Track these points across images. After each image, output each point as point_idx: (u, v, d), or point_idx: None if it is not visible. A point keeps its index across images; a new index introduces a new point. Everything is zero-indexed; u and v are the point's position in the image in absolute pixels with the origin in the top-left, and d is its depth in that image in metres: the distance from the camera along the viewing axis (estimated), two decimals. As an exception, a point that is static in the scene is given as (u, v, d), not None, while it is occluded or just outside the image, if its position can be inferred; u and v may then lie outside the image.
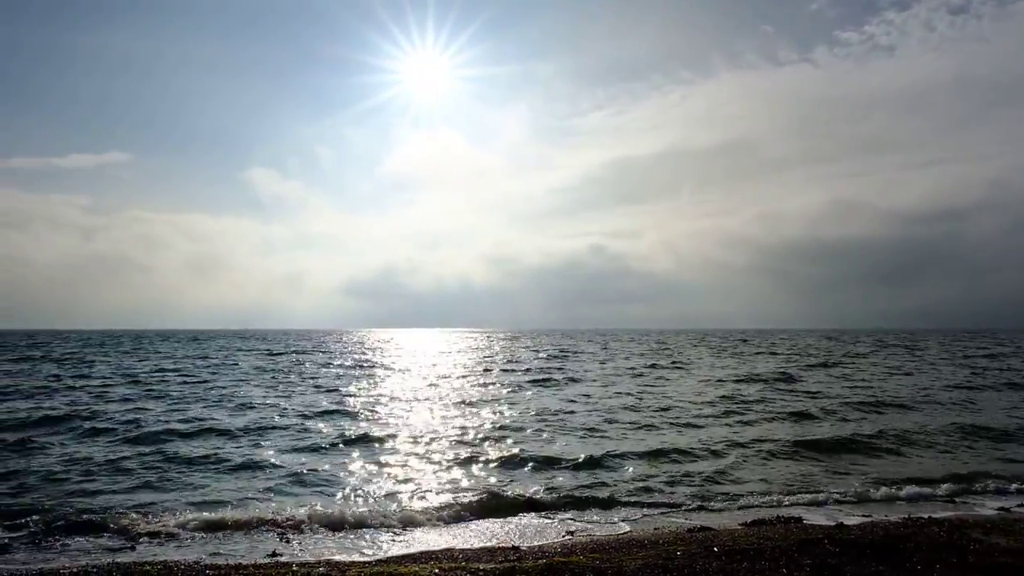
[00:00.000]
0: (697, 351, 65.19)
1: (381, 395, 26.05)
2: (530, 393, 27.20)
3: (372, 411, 21.29)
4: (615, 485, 12.51)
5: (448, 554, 8.61)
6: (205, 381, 31.34)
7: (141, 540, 9.29)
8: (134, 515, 10.32)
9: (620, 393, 26.67)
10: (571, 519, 10.61)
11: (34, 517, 10.00)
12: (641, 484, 12.58)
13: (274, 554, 8.64)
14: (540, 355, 56.17)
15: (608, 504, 11.39)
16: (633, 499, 11.66)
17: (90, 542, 9.19)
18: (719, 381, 31.82)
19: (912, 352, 60.76)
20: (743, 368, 40.35)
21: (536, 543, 9.28)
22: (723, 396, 25.28)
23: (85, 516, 10.15)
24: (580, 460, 14.20)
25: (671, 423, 19.25)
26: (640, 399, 24.48)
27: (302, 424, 18.79)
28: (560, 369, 40.43)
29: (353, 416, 20.27)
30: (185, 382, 30.92)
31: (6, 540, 9.15)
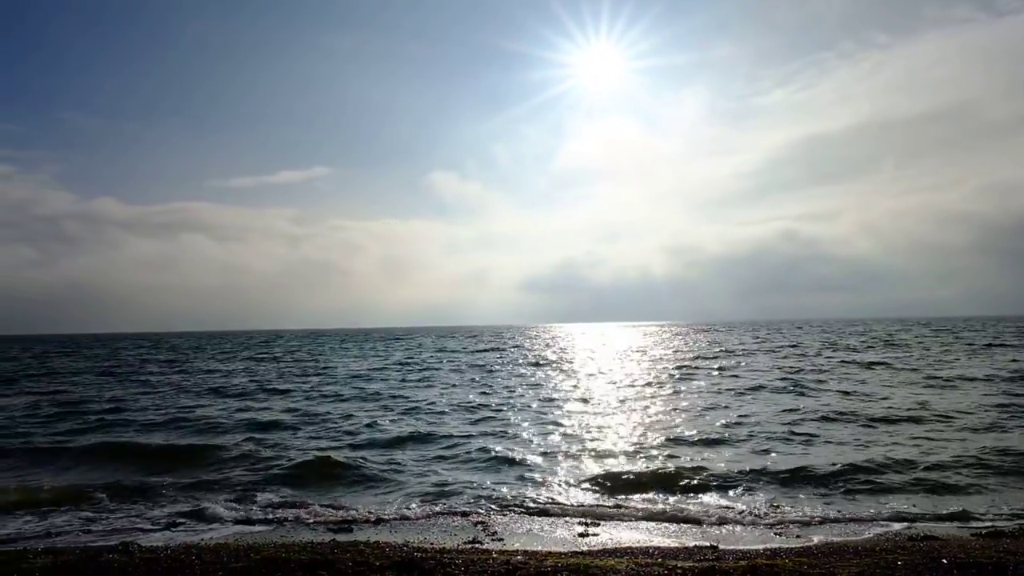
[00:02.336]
0: (943, 345, 53.57)
1: (588, 391, 26.27)
2: (754, 396, 26.04)
3: (579, 405, 21.54)
4: (828, 493, 11.56)
5: (644, 549, 8.49)
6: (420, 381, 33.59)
7: (357, 522, 10.20)
8: (352, 498, 11.41)
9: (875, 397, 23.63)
10: (776, 523, 10.01)
11: (267, 495, 11.38)
12: (851, 489, 11.58)
13: (474, 541, 9.04)
14: (747, 349, 53.52)
15: (814, 509, 10.58)
16: (843, 507, 10.74)
17: (312, 521, 10.30)
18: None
19: None
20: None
21: (737, 545, 8.88)
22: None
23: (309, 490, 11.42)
24: (791, 468, 13.31)
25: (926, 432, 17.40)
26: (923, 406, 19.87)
27: (504, 416, 19.48)
28: (793, 370, 37.77)
29: (556, 409, 20.66)
30: (402, 383, 33.31)
31: (242, 515, 10.49)
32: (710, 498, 11.15)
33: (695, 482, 12.07)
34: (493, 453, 14.75)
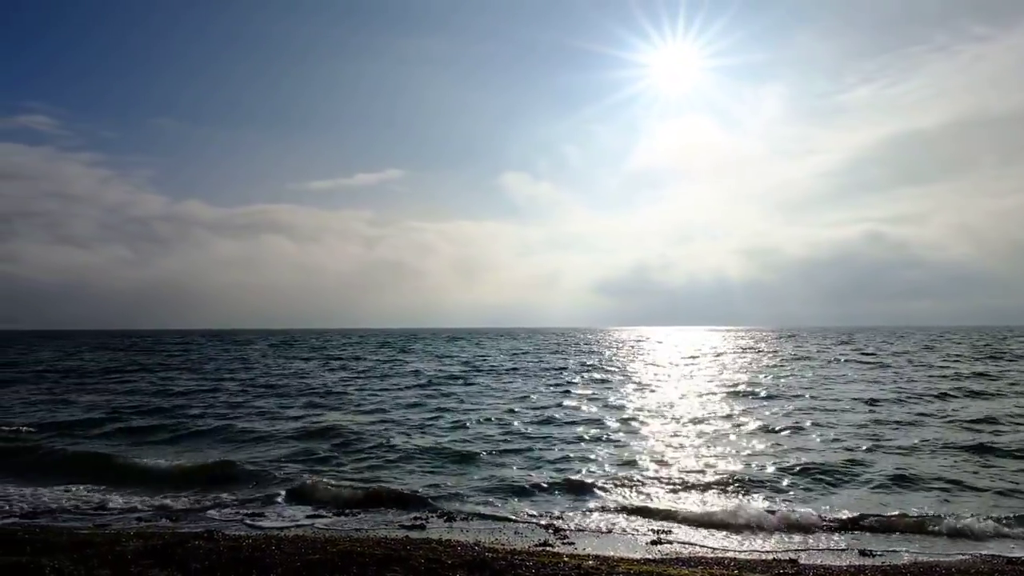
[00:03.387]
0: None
1: (665, 397, 25.90)
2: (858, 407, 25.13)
3: (654, 412, 21.25)
4: (922, 510, 10.91)
5: (719, 560, 8.28)
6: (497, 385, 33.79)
7: (431, 520, 10.32)
8: (428, 494, 11.58)
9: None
10: (865, 541, 9.50)
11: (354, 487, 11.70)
12: (948, 499, 10.96)
13: (544, 543, 9.00)
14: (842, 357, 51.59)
15: (910, 529, 9.94)
16: (936, 525, 10.14)
17: (388, 516, 10.50)
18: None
19: None
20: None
21: (819, 560, 8.54)
22: None
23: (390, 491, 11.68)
24: (885, 478, 12.71)
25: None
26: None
27: (576, 421, 19.38)
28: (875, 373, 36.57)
29: (630, 415, 20.43)
30: (466, 384, 33.58)
31: (315, 511, 10.77)
32: (789, 509, 10.75)
33: (773, 493, 11.68)
34: (564, 456, 14.69)
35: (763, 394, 25.49)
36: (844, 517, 10.26)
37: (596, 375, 35.83)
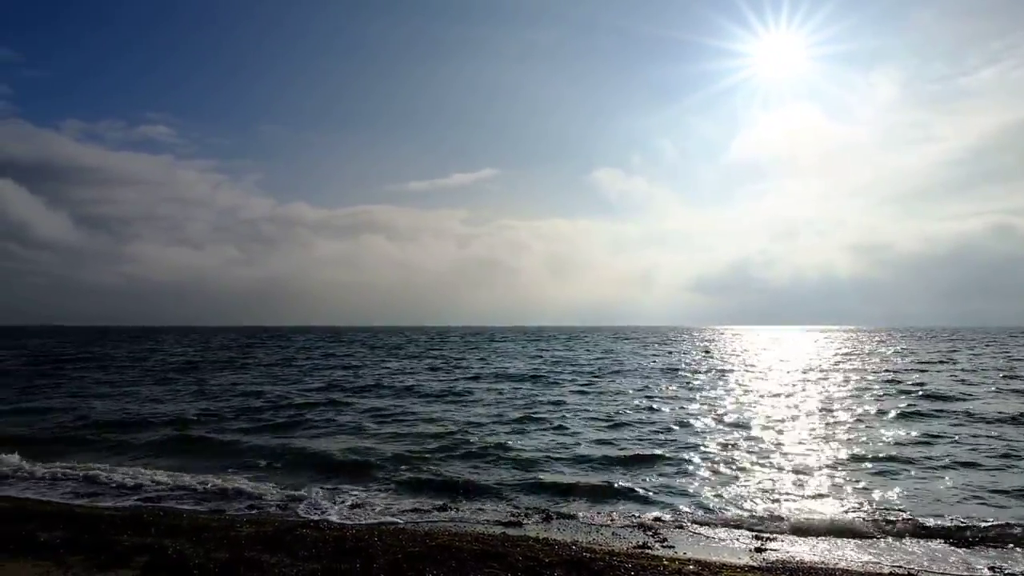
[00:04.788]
0: None
1: (768, 401, 25.04)
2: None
3: (758, 415, 20.58)
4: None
5: (828, 570, 7.86)
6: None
7: (527, 517, 10.34)
8: (522, 495, 11.62)
9: None
10: (994, 556, 8.79)
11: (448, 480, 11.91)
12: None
13: (644, 546, 8.82)
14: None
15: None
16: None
17: (486, 513, 10.61)
18: None
19: None
20: None
21: (936, 570, 7.97)
22: None
23: (482, 485, 11.81)
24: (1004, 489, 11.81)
25: None
26: None
27: (675, 422, 18.99)
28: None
29: (733, 419, 19.85)
30: (583, 386, 33.57)
31: (425, 504, 10.99)
32: (902, 519, 10.08)
33: (884, 501, 11.00)
34: (661, 457, 14.39)
35: (888, 405, 24.05)
36: (970, 531, 9.54)
37: (707, 377, 34.94)
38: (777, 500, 11.24)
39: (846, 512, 10.50)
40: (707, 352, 63.02)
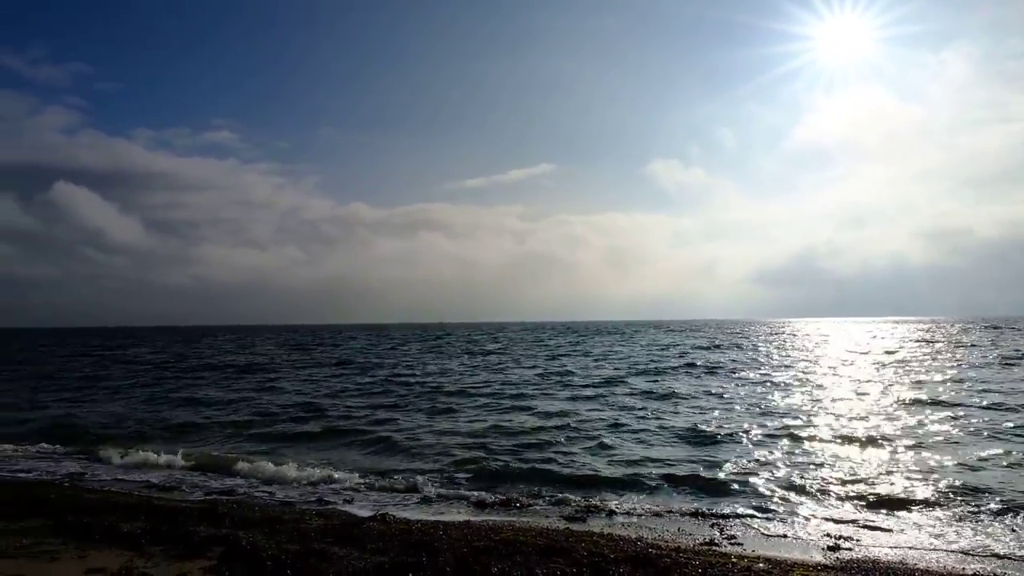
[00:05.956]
0: None
1: (842, 398, 24.27)
2: None
3: (833, 413, 19.95)
4: None
5: (909, 572, 7.54)
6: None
7: (590, 512, 10.28)
8: (587, 492, 11.57)
9: None
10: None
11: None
12: None
13: (711, 543, 8.63)
14: None
15: None
16: None
17: (550, 507, 10.60)
18: None
19: None
20: None
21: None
22: None
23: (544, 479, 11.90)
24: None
25: None
26: None
27: (742, 420, 18.59)
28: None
29: (805, 416, 19.31)
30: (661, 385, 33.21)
31: (488, 499, 11.04)
32: (988, 522, 9.59)
33: (973, 507, 10.48)
34: (729, 450, 14.10)
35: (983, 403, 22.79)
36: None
37: (783, 373, 34.09)
38: (854, 497, 10.82)
39: (930, 511, 10.05)
40: (779, 345, 61.30)
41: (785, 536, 9.09)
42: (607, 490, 11.62)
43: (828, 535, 9.05)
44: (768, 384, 27.29)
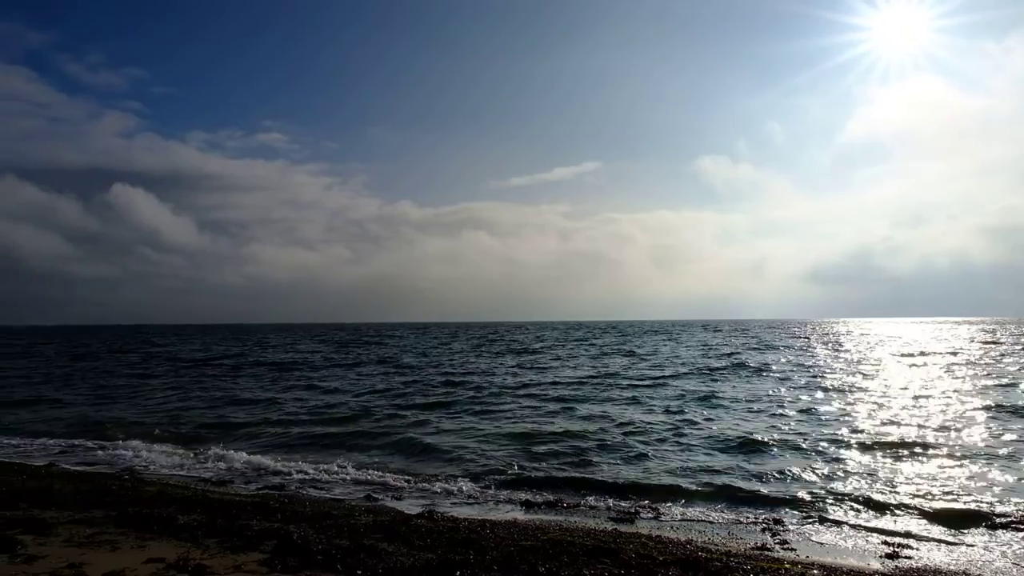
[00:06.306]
0: None
1: (903, 402, 23.59)
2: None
3: (885, 418, 19.42)
4: None
5: (972, 582, 7.27)
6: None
7: (638, 513, 10.18)
8: (634, 492, 11.47)
9: None
10: None
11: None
12: None
13: (762, 547, 8.46)
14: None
15: None
16: None
17: (598, 508, 10.53)
18: None
19: None
20: None
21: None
22: None
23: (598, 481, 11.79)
24: None
25: None
26: None
27: (798, 424, 18.20)
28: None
29: (860, 420, 18.81)
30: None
31: (534, 499, 11.03)
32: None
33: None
34: (782, 453, 13.80)
35: None
36: None
37: (837, 376, 33.27)
38: (913, 508, 10.43)
39: (997, 527, 9.62)
40: (834, 346, 59.75)
41: (840, 543, 8.85)
42: (654, 493, 11.47)
43: (886, 543, 8.77)
44: (820, 388, 26.60)
